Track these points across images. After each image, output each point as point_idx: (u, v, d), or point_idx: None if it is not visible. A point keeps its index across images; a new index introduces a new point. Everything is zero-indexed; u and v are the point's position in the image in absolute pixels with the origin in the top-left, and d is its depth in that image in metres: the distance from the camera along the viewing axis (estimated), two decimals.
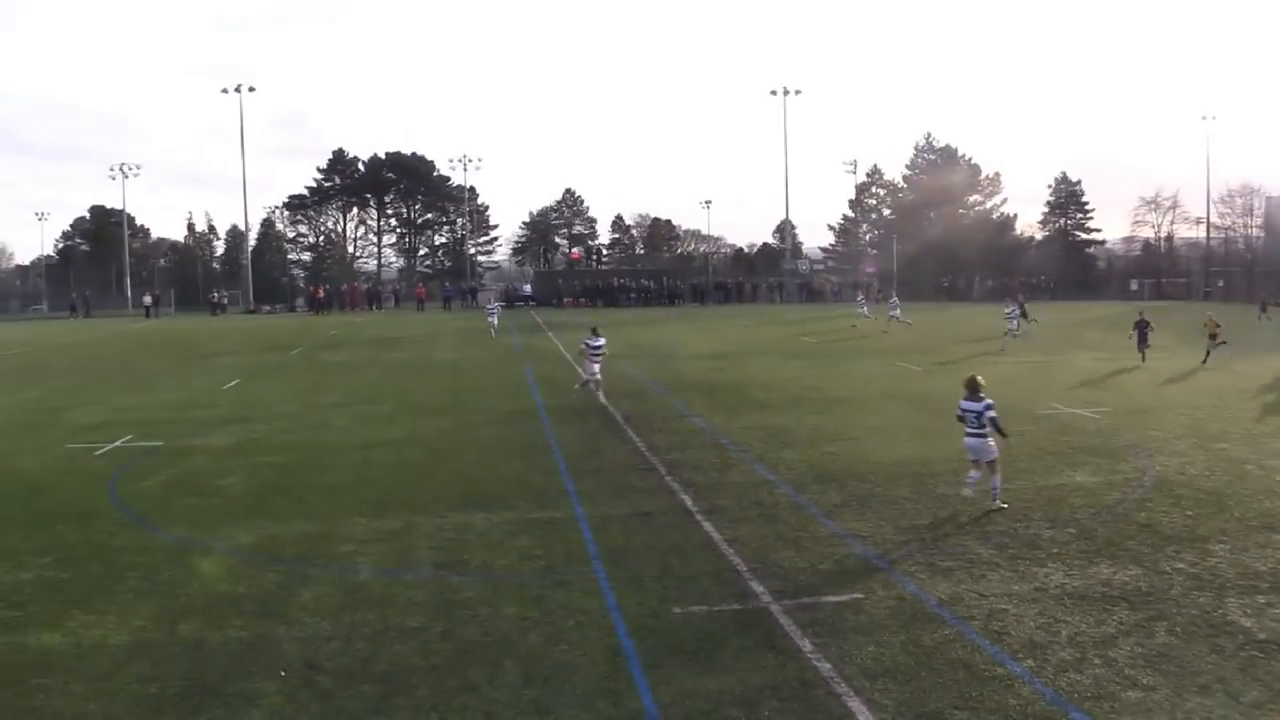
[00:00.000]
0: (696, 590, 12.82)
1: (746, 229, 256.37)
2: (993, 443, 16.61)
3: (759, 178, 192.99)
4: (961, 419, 16.79)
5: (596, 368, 28.80)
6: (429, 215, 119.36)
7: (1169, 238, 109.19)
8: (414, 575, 13.72)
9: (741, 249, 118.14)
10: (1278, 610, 12.22)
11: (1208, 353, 36.71)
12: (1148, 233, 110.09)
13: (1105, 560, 14.08)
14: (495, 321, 57.40)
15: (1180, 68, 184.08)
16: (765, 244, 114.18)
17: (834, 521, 15.98)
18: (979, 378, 16.97)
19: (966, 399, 16.71)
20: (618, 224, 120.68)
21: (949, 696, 9.93)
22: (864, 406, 27.59)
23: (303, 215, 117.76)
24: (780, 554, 14.26)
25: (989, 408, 16.45)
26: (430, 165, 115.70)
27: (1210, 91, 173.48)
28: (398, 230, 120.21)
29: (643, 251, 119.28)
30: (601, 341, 29.29)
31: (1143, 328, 37.35)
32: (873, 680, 10.27)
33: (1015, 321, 45.24)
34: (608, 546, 14.71)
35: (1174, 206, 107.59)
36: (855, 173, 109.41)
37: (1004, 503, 16.72)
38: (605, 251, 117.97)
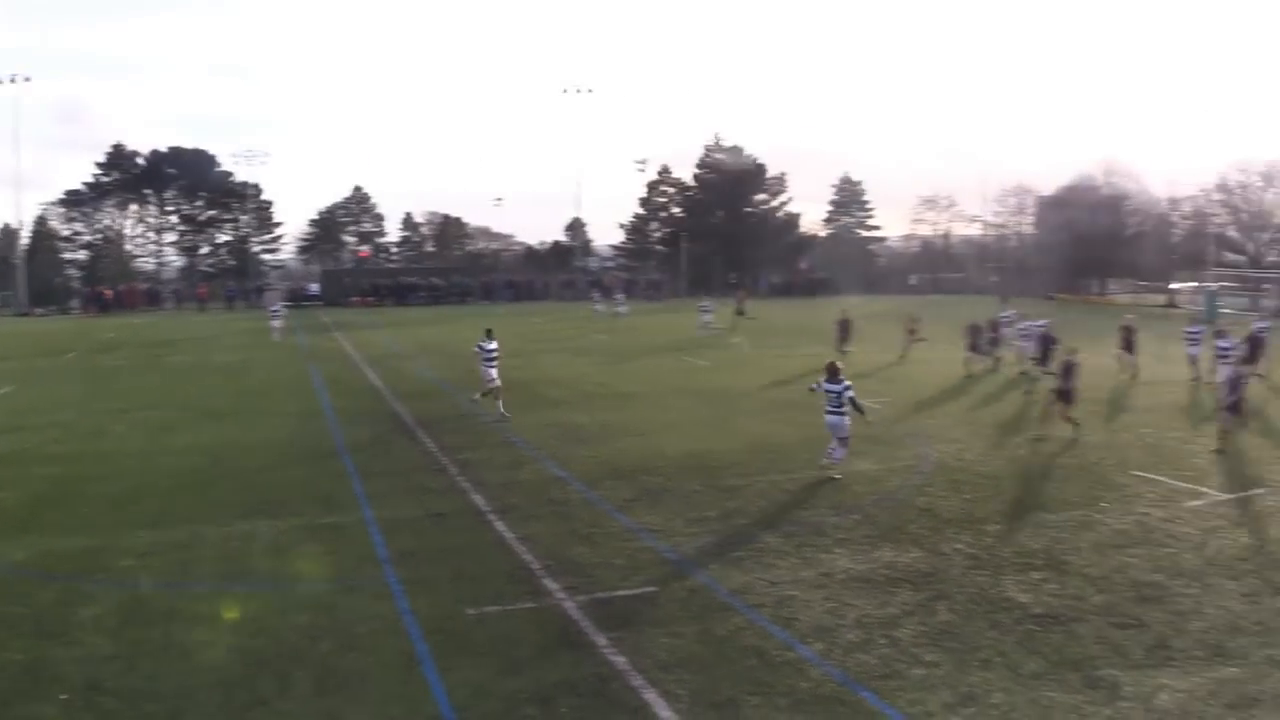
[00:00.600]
0: (490, 590, 12.81)
1: (538, 227, 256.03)
2: (848, 420, 18.61)
3: (551, 176, 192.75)
4: (814, 390, 19.33)
5: (494, 373, 26.69)
6: (212, 212, 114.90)
7: (946, 235, 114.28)
8: (199, 587, 13.27)
9: (533, 247, 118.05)
10: (1052, 586, 13.06)
11: (906, 348, 37.93)
12: (926, 230, 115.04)
13: (888, 544, 14.74)
14: (279, 324, 55.74)
15: (960, 73, 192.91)
16: (557, 241, 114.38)
17: (626, 516, 16.20)
18: (839, 363, 19.22)
19: (827, 381, 18.69)
20: (407, 221, 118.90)
21: (742, 684, 10.22)
22: (654, 402, 28.02)
23: (79, 212, 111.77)
24: (573, 551, 14.38)
25: (847, 389, 18.49)
26: (212, 160, 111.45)
27: (993, 96, 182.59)
28: (179, 228, 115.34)
29: (433, 249, 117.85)
30: (494, 345, 27.38)
31: (844, 326, 39.14)
32: (668, 672, 10.48)
33: (709, 316, 51.23)
34: (399, 549, 14.54)
35: (951, 205, 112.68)
36: (645, 171, 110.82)
37: (838, 474, 18.48)
38: (395, 249, 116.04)
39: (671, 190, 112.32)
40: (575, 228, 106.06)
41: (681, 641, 11.23)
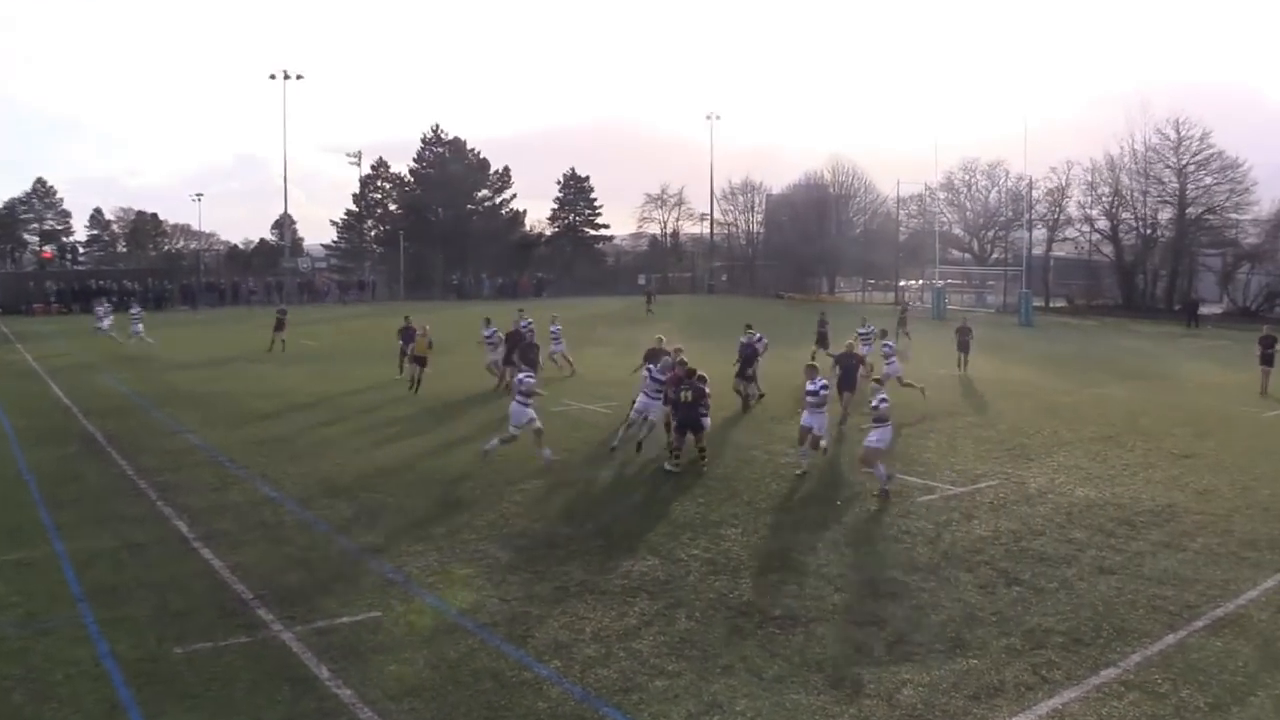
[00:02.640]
0: (199, 626, 12.23)
1: (242, 225, 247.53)
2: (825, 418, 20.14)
3: (255, 170, 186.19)
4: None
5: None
6: None
7: (674, 234, 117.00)
8: None
9: (237, 246, 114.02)
10: (791, 587, 13.55)
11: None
12: (655, 229, 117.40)
13: (623, 553, 14.95)
14: None
15: (691, 67, 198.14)
16: (263, 240, 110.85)
17: (345, 537, 15.83)
18: (816, 364, 21.48)
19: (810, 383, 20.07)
20: (96, 218, 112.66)
21: (478, 709, 10.14)
22: (375, 412, 27.51)
23: None
24: (289, 577, 13.93)
25: (824, 387, 20.13)
26: None
27: (717, 91, 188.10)
28: None
29: (125, 249, 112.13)
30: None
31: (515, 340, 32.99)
32: (398, 702, 10.28)
33: (107, 321, 50.26)
34: (95, 585, 13.69)
35: (680, 203, 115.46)
36: (360, 165, 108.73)
37: (801, 470, 19.97)
38: (82, 250, 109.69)
39: (388, 186, 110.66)
40: (283, 226, 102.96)
41: (411, 668, 11.04)
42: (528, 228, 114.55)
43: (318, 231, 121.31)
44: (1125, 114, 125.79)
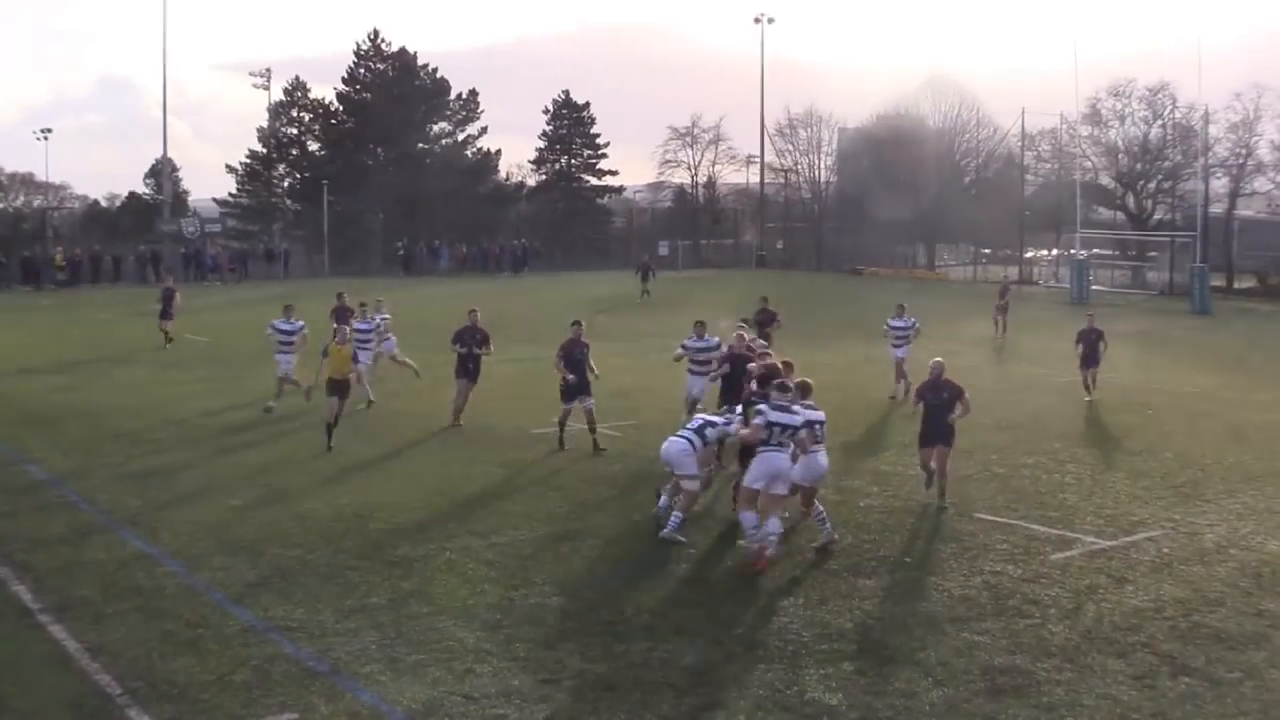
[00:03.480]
0: None
1: (106, 173, 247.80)
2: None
3: (123, 98, 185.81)
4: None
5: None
6: None
7: (710, 183, 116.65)
8: None
9: (98, 202, 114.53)
10: (870, 679, 13.59)
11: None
12: (682, 177, 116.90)
13: (638, 632, 15.03)
14: None
15: None
16: (133, 195, 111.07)
17: (248, 609, 15.92)
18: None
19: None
20: None
21: None
22: (288, 434, 27.63)
23: None
24: (172, 664, 14.03)
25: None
26: None
27: None
28: None
29: None
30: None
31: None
32: None
33: None
34: None
35: (717, 141, 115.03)
36: (269, 87, 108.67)
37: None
38: None
39: (308, 117, 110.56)
40: (160, 174, 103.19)
41: None
42: (503, 175, 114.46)
43: (209, 182, 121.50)
44: None
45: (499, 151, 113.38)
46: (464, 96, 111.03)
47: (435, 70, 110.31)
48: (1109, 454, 25.70)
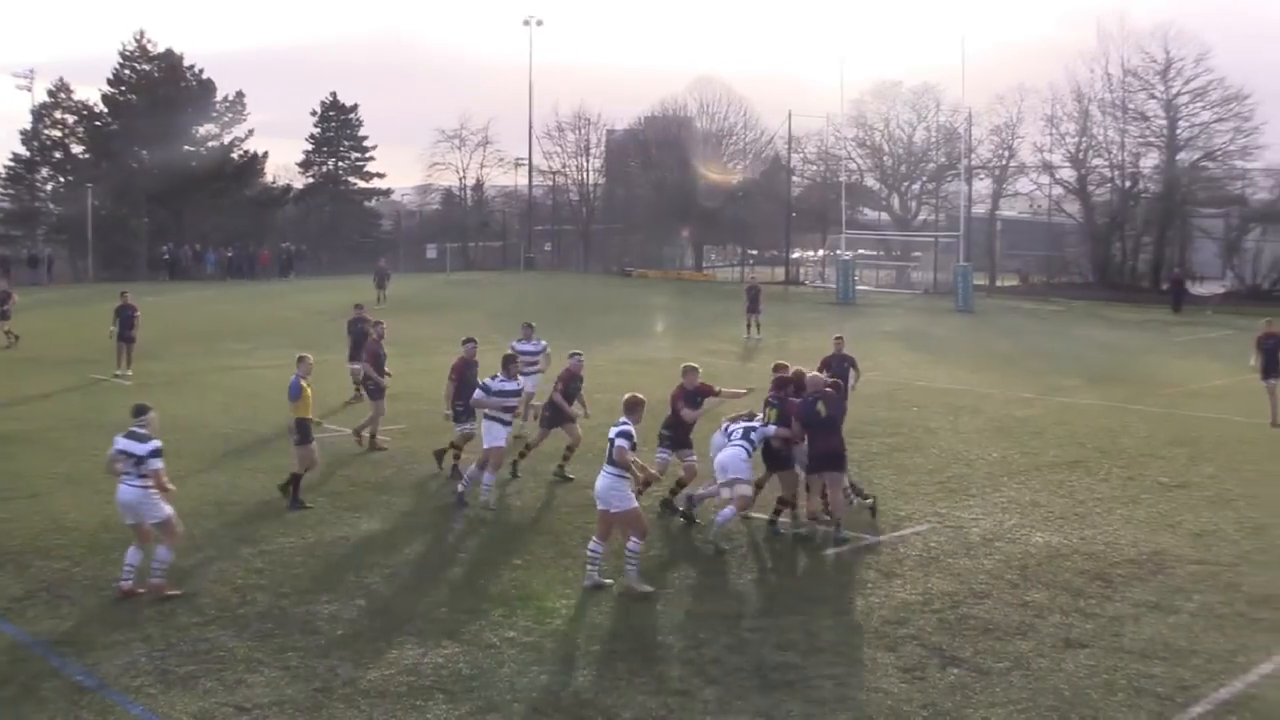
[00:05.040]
0: None
1: None
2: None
3: None
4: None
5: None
6: None
7: (479, 186, 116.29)
8: None
9: None
10: (645, 679, 13.69)
11: None
12: (451, 180, 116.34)
13: (410, 638, 14.96)
14: None
15: None
16: None
17: (14, 624, 15.54)
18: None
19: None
20: None
21: None
22: (48, 444, 26.99)
23: None
24: None
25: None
26: None
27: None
28: None
29: None
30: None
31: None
32: None
33: None
34: None
35: (485, 143, 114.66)
36: (32, 89, 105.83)
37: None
38: None
39: (71, 120, 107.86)
40: None
41: None
42: (269, 178, 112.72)
43: None
44: (1098, 27, 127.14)
45: (266, 154, 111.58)
46: (230, 99, 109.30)
47: (201, 72, 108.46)
48: (875, 451, 26.21)
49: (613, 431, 17.34)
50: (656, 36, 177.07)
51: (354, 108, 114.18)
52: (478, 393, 22.28)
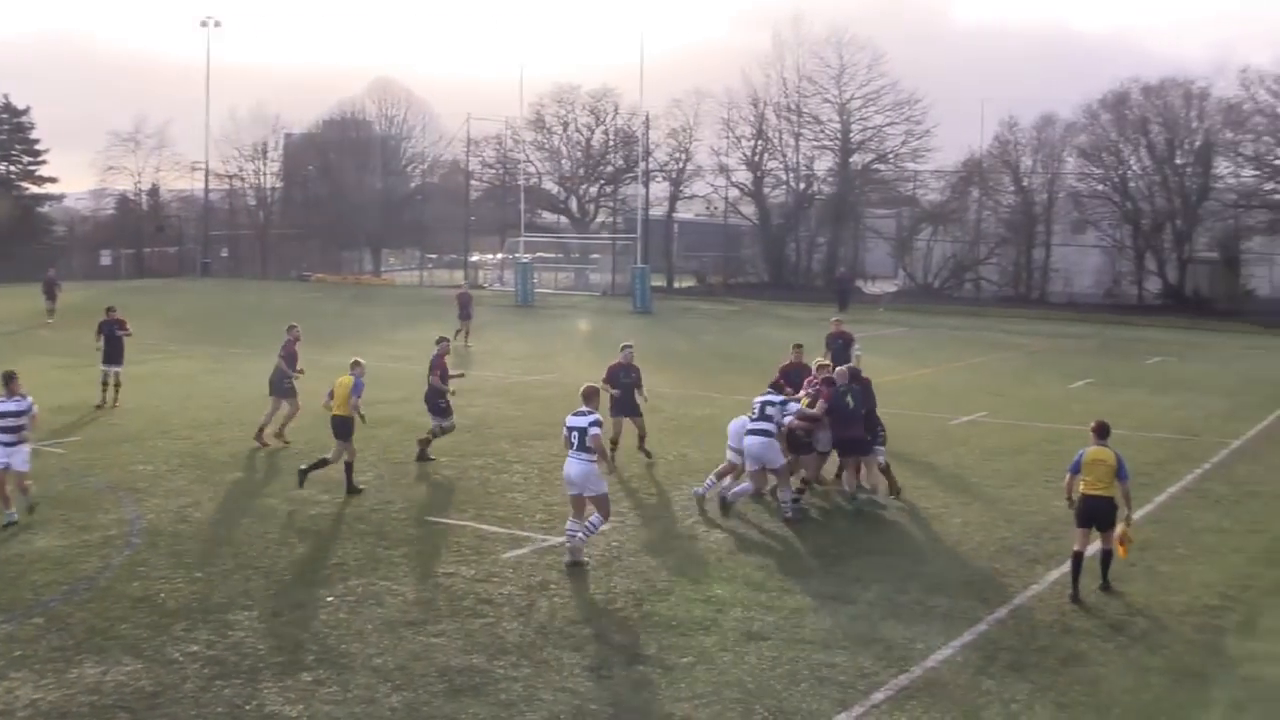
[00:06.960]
0: None
1: None
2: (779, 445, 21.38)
3: None
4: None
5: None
6: None
7: (155, 191, 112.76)
8: None
9: None
10: (331, 689, 13.58)
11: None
12: (125, 184, 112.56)
13: (89, 655, 14.55)
14: None
15: None
16: None
17: None
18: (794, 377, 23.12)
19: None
20: None
21: None
22: None
23: None
24: None
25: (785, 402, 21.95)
26: None
27: None
28: None
29: None
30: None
31: None
32: None
33: None
34: None
35: (161, 146, 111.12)
36: None
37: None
38: None
39: None
40: None
41: None
42: None
43: None
44: (773, 33, 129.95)
45: None
46: None
47: None
48: (555, 453, 26.30)
49: (584, 421, 18.31)
50: (336, 38, 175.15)
51: (25, 110, 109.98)
52: None
